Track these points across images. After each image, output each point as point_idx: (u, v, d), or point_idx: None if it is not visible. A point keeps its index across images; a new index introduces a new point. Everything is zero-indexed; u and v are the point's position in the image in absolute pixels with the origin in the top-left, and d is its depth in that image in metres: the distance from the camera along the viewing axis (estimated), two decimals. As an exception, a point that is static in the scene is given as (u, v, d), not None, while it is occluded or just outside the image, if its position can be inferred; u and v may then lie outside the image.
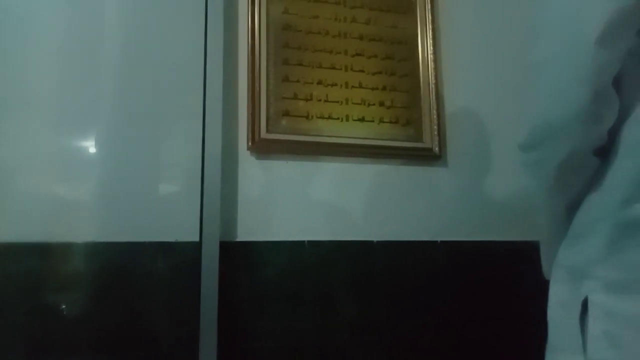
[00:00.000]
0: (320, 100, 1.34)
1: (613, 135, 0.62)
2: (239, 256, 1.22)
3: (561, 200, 0.69)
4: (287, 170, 1.31)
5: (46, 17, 1.21)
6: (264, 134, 1.28)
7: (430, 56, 1.44)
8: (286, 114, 1.31)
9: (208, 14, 1.25)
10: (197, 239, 1.18)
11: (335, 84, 1.36)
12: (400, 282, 1.32)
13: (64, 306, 1.10)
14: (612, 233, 0.59)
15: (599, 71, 0.58)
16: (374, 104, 1.38)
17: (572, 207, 0.67)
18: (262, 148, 1.28)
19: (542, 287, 0.86)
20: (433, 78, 1.43)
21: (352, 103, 1.37)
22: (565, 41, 0.60)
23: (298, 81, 1.33)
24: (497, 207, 1.45)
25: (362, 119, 1.37)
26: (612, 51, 0.58)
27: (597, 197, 0.63)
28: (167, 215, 1.19)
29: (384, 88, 1.40)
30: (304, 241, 1.27)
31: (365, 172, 1.36)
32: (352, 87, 1.37)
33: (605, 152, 0.63)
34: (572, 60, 0.59)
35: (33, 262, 1.10)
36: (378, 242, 1.32)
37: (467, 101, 1.48)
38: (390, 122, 1.39)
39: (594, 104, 0.59)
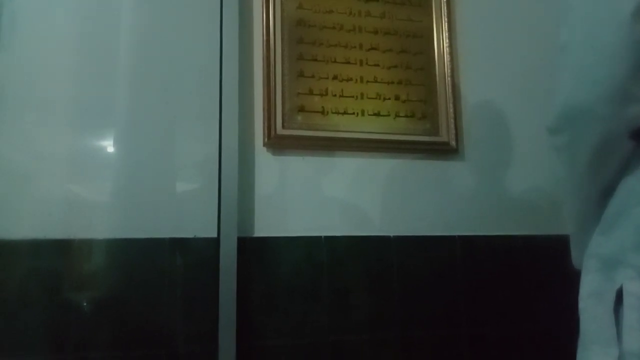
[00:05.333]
0: (335, 96, 1.34)
1: None
2: (256, 252, 1.22)
3: (594, 186, 0.66)
4: (303, 166, 1.31)
5: (62, 18, 1.22)
6: (279, 130, 1.28)
7: (446, 49, 1.42)
8: (301, 109, 1.31)
9: (223, 11, 1.25)
10: (215, 235, 1.18)
11: (350, 79, 1.36)
12: (416, 278, 1.31)
13: (84, 303, 1.12)
14: None
15: (634, 47, 0.55)
16: (389, 98, 1.38)
17: (606, 193, 0.64)
18: (278, 144, 1.28)
19: (562, 281, 0.85)
20: (449, 71, 1.41)
21: (368, 98, 1.36)
22: (597, 18, 0.58)
23: (313, 76, 1.33)
24: (514, 201, 1.43)
25: (377, 114, 1.36)
26: None
27: (632, 181, 0.61)
28: (185, 211, 1.20)
29: (399, 82, 1.39)
30: (320, 236, 1.27)
31: (381, 166, 1.36)
32: (367, 81, 1.37)
33: None
34: (604, 37, 0.57)
35: (53, 258, 1.12)
36: (395, 237, 1.32)
37: (484, 94, 1.46)
38: (406, 116, 1.38)
39: (628, 83, 0.56)
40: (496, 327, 1.33)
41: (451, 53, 1.43)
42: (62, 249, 1.13)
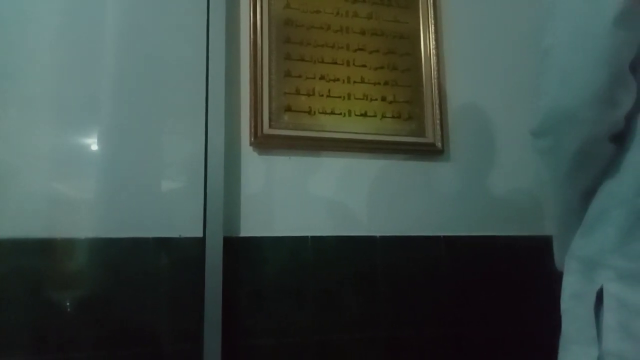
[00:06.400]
0: (322, 96, 1.34)
1: (629, 121, 0.60)
2: (242, 251, 1.22)
3: (576, 189, 0.67)
4: (289, 166, 1.31)
5: (46, 13, 1.20)
6: (266, 130, 1.27)
7: (433, 50, 1.43)
8: (288, 109, 1.31)
9: (210, 9, 1.25)
10: (200, 234, 1.18)
11: (337, 79, 1.36)
12: (402, 278, 1.32)
13: (67, 303, 1.10)
14: (627, 221, 0.58)
15: (616, 53, 0.57)
16: (376, 99, 1.38)
17: (587, 196, 0.66)
18: (265, 144, 1.28)
19: (545, 282, 0.86)
20: (435, 72, 1.42)
21: (354, 98, 1.36)
22: (580, 23, 0.58)
23: (300, 76, 1.33)
24: (499, 202, 1.45)
25: (364, 114, 1.37)
26: (630, 32, 0.56)
27: (612, 184, 0.62)
28: (171, 211, 1.19)
29: (386, 83, 1.40)
30: (306, 236, 1.27)
31: (367, 167, 1.36)
32: (354, 82, 1.37)
33: (621, 138, 0.61)
34: (587, 42, 0.58)
35: (36, 258, 1.10)
36: (381, 237, 1.32)
37: (470, 95, 1.48)
38: (393, 117, 1.39)
39: (611, 87, 0.57)
40: (480, 327, 1.35)
41: (437, 55, 1.44)
42: (46, 248, 1.11)
